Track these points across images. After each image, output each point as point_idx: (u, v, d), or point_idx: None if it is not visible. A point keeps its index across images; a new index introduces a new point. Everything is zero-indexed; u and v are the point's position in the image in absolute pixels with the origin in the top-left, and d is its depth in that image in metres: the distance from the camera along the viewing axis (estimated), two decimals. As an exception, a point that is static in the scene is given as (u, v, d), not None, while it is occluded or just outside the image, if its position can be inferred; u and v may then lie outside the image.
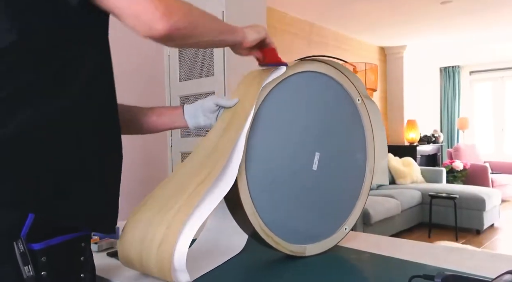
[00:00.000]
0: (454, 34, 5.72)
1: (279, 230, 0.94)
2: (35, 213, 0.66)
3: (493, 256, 1.00)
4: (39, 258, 0.67)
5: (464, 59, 7.49)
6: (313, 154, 0.99)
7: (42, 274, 0.67)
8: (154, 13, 0.66)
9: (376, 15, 4.77)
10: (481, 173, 6.01)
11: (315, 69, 1.02)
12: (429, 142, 6.73)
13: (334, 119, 1.05)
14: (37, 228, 0.67)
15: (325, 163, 1.01)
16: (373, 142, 1.12)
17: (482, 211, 4.59)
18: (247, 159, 0.89)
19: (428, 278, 0.72)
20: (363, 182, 1.12)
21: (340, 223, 1.06)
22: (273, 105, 0.94)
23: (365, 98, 1.11)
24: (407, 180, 5.40)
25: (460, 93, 7.84)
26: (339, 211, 1.07)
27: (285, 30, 4.55)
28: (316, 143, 1.00)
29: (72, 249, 0.74)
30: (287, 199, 0.95)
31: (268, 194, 0.92)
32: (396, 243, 1.14)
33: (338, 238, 1.06)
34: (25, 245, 0.65)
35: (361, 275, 0.89)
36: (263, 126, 0.92)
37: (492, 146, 7.69)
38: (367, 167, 1.12)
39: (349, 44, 5.66)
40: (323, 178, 1.00)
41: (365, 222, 3.97)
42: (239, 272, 0.93)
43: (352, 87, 1.08)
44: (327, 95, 1.04)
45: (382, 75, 6.45)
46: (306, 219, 0.99)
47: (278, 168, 0.94)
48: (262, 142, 0.92)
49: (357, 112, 1.09)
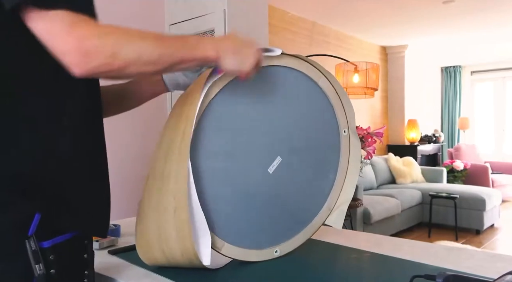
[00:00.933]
0: (456, 34, 5.71)
1: (245, 241, 0.92)
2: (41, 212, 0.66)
3: (494, 256, 1.00)
4: (48, 256, 0.67)
5: (466, 59, 7.48)
6: (274, 157, 0.93)
7: (51, 272, 0.67)
8: (74, 55, 0.61)
9: (378, 14, 4.77)
10: (481, 173, 6.01)
11: (296, 67, 0.95)
12: (429, 142, 6.73)
13: (307, 119, 0.98)
14: (44, 227, 0.67)
15: (287, 166, 0.95)
16: (344, 177, 1.05)
17: (482, 211, 4.59)
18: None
19: (430, 278, 0.72)
20: (318, 211, 1.03)
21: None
22: (227, 103, 0.86)
23: (351, 133, 1.05)
24: (407, 180, 5.40)
25: (461, 93, 7.83)
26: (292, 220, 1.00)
27: (286, 29, 4.54)
28: (281, 144, 0.94)
29: (77, 246, 0.74)
30: (238, 202, 0.90)
31: (229, 207, 0.89)
32: (396, 242, 1.14)
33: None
34: (36, 243, 0.65)
35: (362, 274, 0.89)
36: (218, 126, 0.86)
37: (493, 146, 7.69)
38: (326, 202, 1.03)
39: (351, 43, 5.66)
40: (280, 180, 0.95)
41: (365, 221, 3.97)
42: (238, 271, 0.93)
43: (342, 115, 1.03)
44: (304, 101, 0.97)
45: (383, 74, 6.44)
46: (273, 221, 0.96)
47: (230, 172, 0.88)
48: (215, 143, 0.86)
49: (338, 144, 1.03)
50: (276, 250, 0.98)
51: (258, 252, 0.95)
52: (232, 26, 2.65)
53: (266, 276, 0.88)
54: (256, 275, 0.88)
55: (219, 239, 0.88)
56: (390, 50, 6.54)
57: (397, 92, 6.55)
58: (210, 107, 0.85)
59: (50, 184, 0.69)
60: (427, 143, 6.65)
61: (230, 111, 0.87)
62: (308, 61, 0.97)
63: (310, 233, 1.03)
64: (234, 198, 0.90)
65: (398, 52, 6.48)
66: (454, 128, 7.79)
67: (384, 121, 6.52)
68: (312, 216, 1.03)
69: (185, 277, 0.87)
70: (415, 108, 6.81)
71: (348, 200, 1.06)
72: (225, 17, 2.64)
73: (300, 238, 1.02)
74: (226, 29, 2.63)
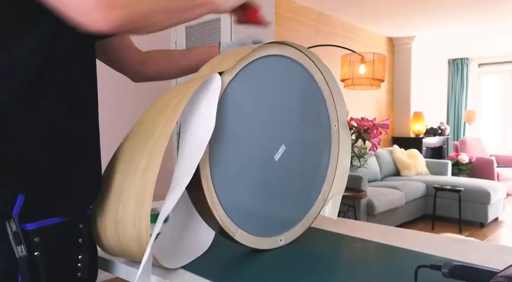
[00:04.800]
0: (464, 26, 5.65)
1: (256, 230, 0.92)
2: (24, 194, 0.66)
3: (500, 248, 0.99)
4: (32, 239, 0.67)
5: (473, 52, 7.41)
6: (279, 145, 0.95)
7: (36, 255, 0.67)
8: (96, 10, 0.61)
9: (385, 4, 4.71)
10: (486, 166, 5.98)
11: (290, 55, 0.96)
12: (435, 134, 6.70)
13: (303, 111, 1.00)
14: (30, 209, 0.67)
15: (288, 155, 0.97)
16: (334, 170, 1.08)
17: (486, 204, 4.58)
18: (211, 149, 0.82)
19: (435, 268, 0.72)
20: (314, 202, 1.05)
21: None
22: (241, 89, 0.87)
23: (341, 128, 1.08)
24: (412, 172, 5.38)
25: (468, 86, 7.77)
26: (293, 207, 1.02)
27: (292, 19, 4.50)
28: (282, 133, 0.95)
29: (69, 230, 0.74)
30: (250, 189, 0.91)
31: (232, 185, 0.88)
32: (401, 233, 1.14)
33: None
34: (17, 224, 0.65)
35: (367, 263, 0.89)
36: (230, 113, 0.85)
37: (498, 140, 7.65)
38: (320, 194, 1.05)
39: (357, 34, 5.61)
40: (284, 169, 0.96)
41: (369, 213, 3.97)
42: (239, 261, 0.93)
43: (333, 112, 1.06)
44: (299, 87, 0.99)
45: (390, 66, 6.39)
46: (277, 209, 0.96)
47: (242, 158, 0.89)
48: (228, 129, 0.86)
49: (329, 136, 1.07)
50: (281, 238, 0.98)
51: (267, 240, 0.95)
52: (238, 14, 2.63)
53: (272, 264, 0.88)
54: (262, 264, 0.88)
55: (234, 224, 0.88)
56: (397, 42, 6.48)
57: (403, 84, 6.51)
58: (224, 94, 0.85)
59: (35, 167, 0.68)
60: (432, 136, 6.62)
61: (241, 98, 0.88)
62: (306, 54, 0.99)
63: (308, 223, 1.05)
64: (245, 182, 0.90)
65: (405, 44, 6.43)
66: (460, 121, 7.75)
67: (390, 113, 6.48)
68: (309, 206, 1.05)
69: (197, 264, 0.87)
70: (421, 101, 6.77)
71: (340, 192, 1.09)
72: (231, 6, 2.62)
73: (300, 228, 1.03)
74: (232, 18, 2.61)
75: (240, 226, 0.89)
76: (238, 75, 0.86)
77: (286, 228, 1.00)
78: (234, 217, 0.88)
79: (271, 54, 0.92)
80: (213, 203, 0.83)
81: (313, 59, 1.01)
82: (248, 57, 0.86)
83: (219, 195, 0.85)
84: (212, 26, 2.74)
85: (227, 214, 0.86)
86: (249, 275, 0.82)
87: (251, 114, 0.89)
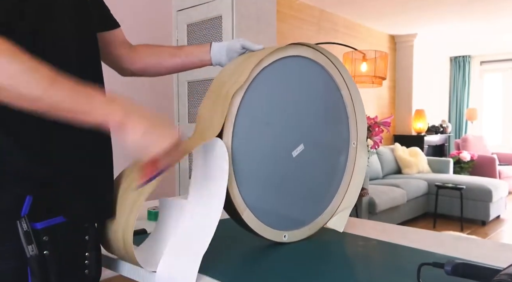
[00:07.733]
0: (466, 23, 5.63)
1: (263, 215, 0.93)
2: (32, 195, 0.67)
3: (502, 246, 0.99)
4: (42, 237, 0.67)
5: (475, 49, 7.38)
6: (298, 142, 0.97)
7: (45, 253, 0.68)
8: None
9: (387, 2, 4.70)
10: (488, 164, 5.97)
11: (312, 57, 0.99)
12: (436, 132, 6.69)
13: (326, 120, 1.04)
14: (38, 208, 0.67)
15: (306, 156, 0.99)
16: (347, 185, 1.11)
17: (488, 202, 4.57)
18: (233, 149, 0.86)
19: (438, 266, 0.72)
20: (323, 211, 1.07)
21: (319, 211, 1.06)
22: (263, 89, 0.91)
23: (359, 146, 1.11)
24: (413, 170, 5.38)
25: (469, 84, 7.75)
26: (317, 199, 1.05)
27: (294, 16, 4.49)
28: (303, 132, 0.98)
29: (76, 228, 0.74)
30: (269, 185, 0.94)
31: (254, 180, 0.91)
32: (403, 231, 1.14)
33: (318, 226, 1.06)
34: (28, 224, 0.65)
35: (370, 261, 0.89)
36: (250, 114, 0.89)
37: (500, 138, 7.63)
38: (330, 204, 1.08)
39: (359, 31, 5.59)
40: (299, 169, 0.99)
41: (371, 211, 3.97)
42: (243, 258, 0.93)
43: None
44: (318, 87, 1.02)
45: (392, 64, 6.38)
46: (287, 205, 0.98)
47: (263, 155, 0.92)
48: (248, 131, 0.89)
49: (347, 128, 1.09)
50: (285, 234, 0.99)
51: (271, 231, 0.96)
52: (240, 13, 2.63)
53: (274, 261, 0.88)
54: (264, 261, 0.89)
55: (244, 203, 0.89)
56: (399, 39, 6.46)
57: (405, 82, 6.50)
58: (251, 87, 0.89)
59: (43, 169, 0.69)
60: (434, 134, 6.60)
61: (266, 95, 0.92)
62: (336, 65, 1.04)
63: (314, 229, 1.06)
64: (261, 170, 0.92)
65: (407, 41, 6.41)
66: (461, 119, 7.73)
67: (391, 111, 6.47)
68: (318, 214, 1.06)
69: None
70: (423, 99, 6.75)
71: (350, 206, 1.11)
72: (233, 4, 2.62)
73: (306, 231, 1.04)
74: (234, 16, 2.61)
75: (250, 207, 0.91)
76: (258, 75, 0.89)
77: (292, 226, 1.01)
78: (246, 196, 0.90)
79: (303, 55, 0.97)
80: (230, 181, 0.85)
81: (342, 73, 1.05)
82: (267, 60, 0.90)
83: (236, 173, 0.87)
84: (214, 23, 2.74)
85: (240, 192, 0.88)
86: (248, 270, 0.82)
87: (271, 113, 0.93)
